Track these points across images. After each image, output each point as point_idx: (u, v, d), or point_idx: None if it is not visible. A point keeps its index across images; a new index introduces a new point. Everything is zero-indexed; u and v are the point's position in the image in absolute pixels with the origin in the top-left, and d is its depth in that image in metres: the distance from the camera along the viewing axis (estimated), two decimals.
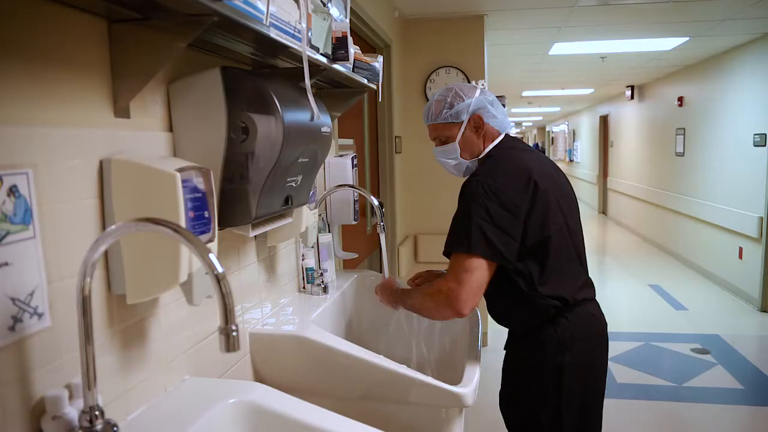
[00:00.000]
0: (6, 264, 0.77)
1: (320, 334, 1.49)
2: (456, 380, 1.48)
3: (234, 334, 0.71)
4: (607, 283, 6.44)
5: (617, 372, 3.76)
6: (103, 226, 0.95)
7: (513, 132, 1.77)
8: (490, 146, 1.62)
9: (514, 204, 1.46)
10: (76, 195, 0.90)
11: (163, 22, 0.95)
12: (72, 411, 0.82)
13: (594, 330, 1.62)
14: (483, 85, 1.67)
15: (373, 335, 2.11)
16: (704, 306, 5.29)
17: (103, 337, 0.97)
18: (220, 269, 0.71)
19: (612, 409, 3.25)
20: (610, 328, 1.73)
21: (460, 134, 1.61)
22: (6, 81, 0.79)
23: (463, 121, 1.60)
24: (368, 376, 1.45)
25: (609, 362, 1.57)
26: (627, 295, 5.86)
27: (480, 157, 1.63)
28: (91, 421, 0.80)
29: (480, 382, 1.56)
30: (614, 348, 4.11)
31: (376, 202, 1.91)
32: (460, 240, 1.46)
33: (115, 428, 0.83)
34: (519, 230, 1.46)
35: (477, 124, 1.60)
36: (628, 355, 4.06)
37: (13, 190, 0.78)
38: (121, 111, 1.01)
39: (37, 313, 0.82)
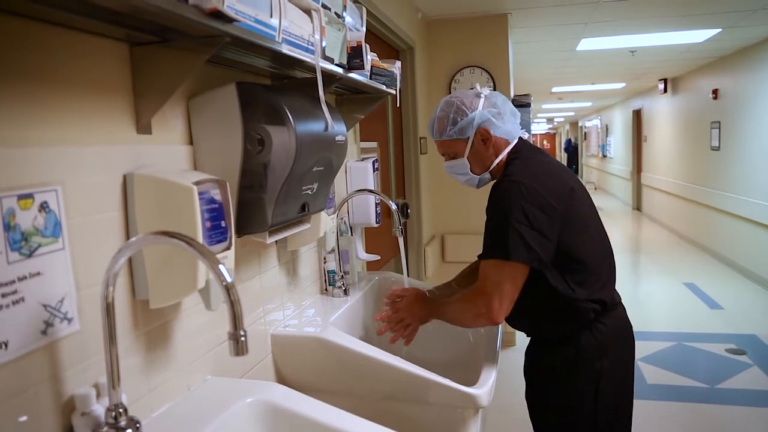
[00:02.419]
0: (38, 274, 0.84)
1: (338, 336, 1.54)
2: (474, 382, 1.51)
3: (242, 339, 0.77)
4: (641, 281, 6.33)
5: (648, 372, 3.71)
6: (127, 236, 1.02)
7: (533, 134, 1.77)
8: (503, 153, 1.57)
9: (550, 205, 1.43)
10: (102, 208, 0.97)
11: (180, 44, 1.01)
12: (99, 408, 0.89)
13: (627, 334, 1.62)
14: (488, 90, 1.59)
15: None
16: (741, 304, 5.16)
17: (129, 339, 1.04)
18: (228, 279, 0.76)
19: (642, 411, 3.21)
20: (642, 328, 1.77)
21: (467, 150, 1.56)
22: (37, 106, 0.86)
23: (469, 137, 1.55)
24: (385, 376, 1.49)
25: (639, 362, 1.57)
26: (660, 293, 5.75)
27: (492, 165, 1.58)
28: (115, 418, 0.87)
29: (506, 383, 1.57)
30: (646, 348, 4.06)
31: (394, 207, 1.94)
32: (497, 245, 1.42)
33: (137, 425, 0.89)
34: (555, 233, 1.43)
35: (484, 137, 1.55)
36: (660, 355, 4.00)
37: (43, 206, 0.85)
38: (143, 128, 1.07)
39: (67, 318, 0.89)
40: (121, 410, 0.88)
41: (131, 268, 1.04)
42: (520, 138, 1.63)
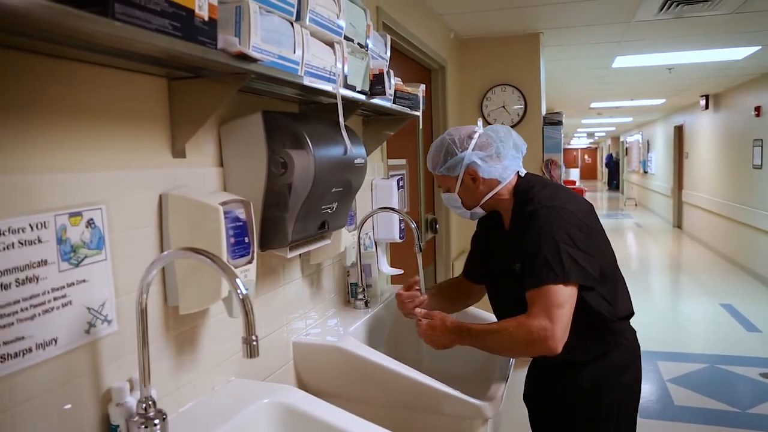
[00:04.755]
0: (84, 281, 0.97)
1: (355, 345, 1.64)
2: (486, 394, 1.58)
3: (254, 343, 0.88)
4: (677, 301, 6.22)
5: (676, 394, 3.66)
6: (162, 249, 1.15)
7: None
8: (497, 188, 1.58)
9: (586, 225, 1.48)
10: (140, 224, 1.10)
11: (212, 78, 1.14)
12: (132, 400, 1.01)
13: (638, 345, 1.68)
14: (482, 130, 1.60)
15: (411, 347, 2.22)
16: None
17: (160, 341, 1.16)
18: (244, 291, 0.87)
19: None
20: (674, 348, 1.80)
21: (458, 186, 1.61)
22: (88, 135, 1.00)
23: (459, 174, 1.59)
24: (398, 386, 1.57)
25: (668, 383, 1.59)
26: (695, 313, 5.63)
27: (484, 200, 1.60)
28: (145, 410, 0.99)
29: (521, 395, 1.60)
30: (676, 369, 4.01)
31: (413, 225, 2.04)
32: (552, 269, 1.39)
33: (164, 416, 1.01)
34: (594, 250, 1.47)
35: (473, 176, 1.58)
36: (691, 376, 3.94)
37: (90, 223, 0.98)
38: (179, 152, 1.21)
39: (107, 320, 1.02)
40: (150, 403, 1.00)
41: (164, 277, 1.16)
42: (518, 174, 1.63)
